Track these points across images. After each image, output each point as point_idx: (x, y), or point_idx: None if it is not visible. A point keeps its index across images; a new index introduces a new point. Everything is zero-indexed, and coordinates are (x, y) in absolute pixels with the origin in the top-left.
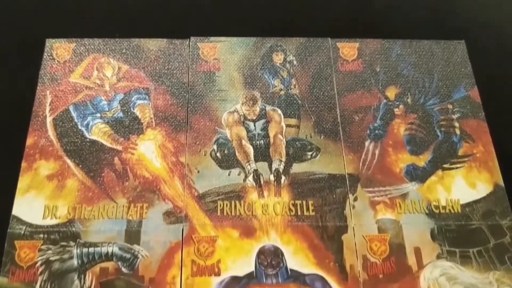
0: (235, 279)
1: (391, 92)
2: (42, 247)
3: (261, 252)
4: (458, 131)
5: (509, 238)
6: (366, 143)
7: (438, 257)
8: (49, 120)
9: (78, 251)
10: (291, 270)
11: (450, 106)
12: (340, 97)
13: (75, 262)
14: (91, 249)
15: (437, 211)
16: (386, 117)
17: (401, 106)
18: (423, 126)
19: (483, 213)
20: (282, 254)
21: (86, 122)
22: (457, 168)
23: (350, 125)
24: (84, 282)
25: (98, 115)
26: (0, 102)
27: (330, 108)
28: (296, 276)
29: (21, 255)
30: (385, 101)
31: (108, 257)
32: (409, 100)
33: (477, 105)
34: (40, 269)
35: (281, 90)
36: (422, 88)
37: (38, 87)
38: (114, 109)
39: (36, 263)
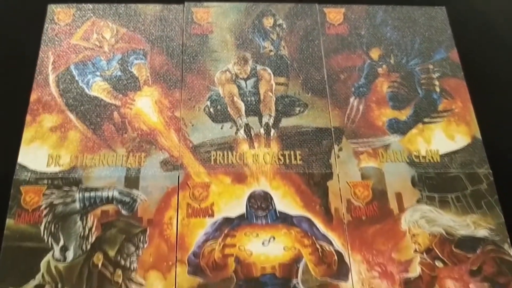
0: (227, 220)
1: (375, 53)
2: (46, 192)
3: (252, 197)
4: (438, 89)
5: (486, 185)
6: (351, 100)
7: (418, 201)
8: (51, 78)
9: (80, 195)
10: (279, 212)
11: (430, 66)
12: (327, 58)
13: (77, 205)
14: (92, 194)
15: (417, 161)
16: (370, 76)
17: (384, 66)
18: (405, 84)
19: (461, 163)
20: (271, 198)
21: (87, 79)
22: (436, 122)
23: (336, 83)
24: (86, 223)
25: (98, 73)
26: (6, 63)
27: (318, 68)
28: (284, 217)
29: (27, 199)
30: (369, 61)
31: (109, 200)
32: (392, 61)
33: (456, 66)
34: (45, 212)
35: (271, 51)
36: (404, 49)
37: (41, 48)
38: (113, 68)
39: (40, 206)
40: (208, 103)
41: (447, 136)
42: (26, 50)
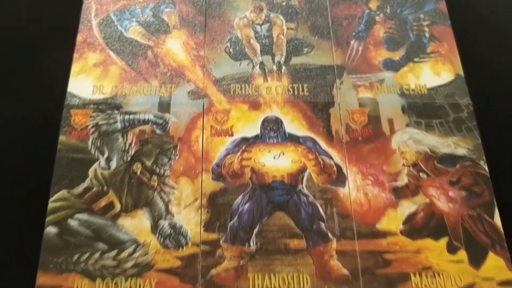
0: (244, 139)
1: (373, 4)
2: (93, 114)
3: (265, 120)
4: (427, 34)
5: (466, 113)
6: (352, 42)
7: (407, 125)
8: (94, 23)
9: (121, 117)
10: (288, 133)
11: (421, 15)
12: (331, 7)
13: (119, 125)
14: (131, 116)
15: (407, 93)
16: (369, 23)
17: (381, 15)
18: (398, 30)
19: (445, 95)
20: (282, 122)
21: (124, 24)
22: (425, 61)
23: (339, 29)
24: (126, 140)
25: (134, 19)
26: (56, 11)
27: (323, 16)
28: (292, 137)
29: (76, 120)
30: (368, 11)
31: (145, 122)
32: (388, 11)
33: (444, 15)
34: (91, 130)
35: (283, 1)
36: (399, 1)
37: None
38: (146, 15)
39: (87, 126)
40: (228, 44)
41: (434, 73)
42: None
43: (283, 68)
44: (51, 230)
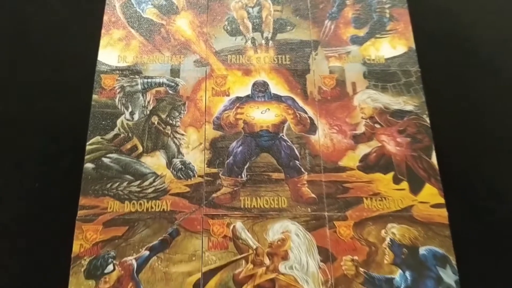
0: (238, 98)
1: None
2: (118, 78)
3: (255, 84)
4: (387, 15)
5: (414, 78)
6: (326, 22)
7: (367, 87)
8: (117, 5)
9: (141, 81)
10: (273, 94)
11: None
12: None
13: (139, 87)
14: (149, 80)
15: (368, 62)
16: (340, 5)
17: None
18: (364, 11)
19: (399, 63)
20: (268, 85)
21: (142, 7)
22: (385, 37)
23: (316, 11)
24: (145, 98)
25: (149, 2)
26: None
27: (304, 0)
28: (276, 97)
29: (105, 83)
30: None
31: (160, 84)
32: None
33: None
34: (118, 91)
35: None
36: None
37: None
38: None
39: (114, 87)
40: (226, 23)
41: (391, 46)
42: None
43: (270, 42)
44: (89, 165)
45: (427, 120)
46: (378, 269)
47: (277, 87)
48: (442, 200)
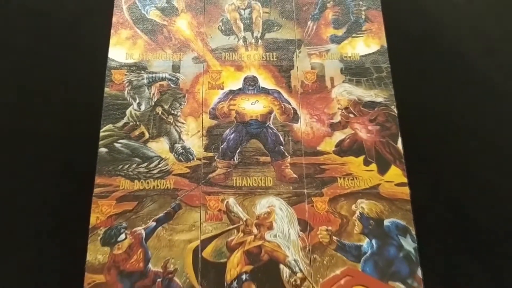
0: (231, 91)
1: None
2: (126, 73)
3: (246, 78)
4: (363, 17)
5: (385, 73)
6: (309, 23)
7: (343, 82)
8: (125, 8)
9: (146, 75)
10: (261, 87)
11: (360, 2)
12: None
13: (145, 81)
14: (153, 75)
15: (345, 59)
16: (322, 8)
17: (331, 2)
18: (343, 13)
19: (372, 60)
20: (257, 80)
21: (146, 9)
22: (360, 36)
23: (300, 13)
24: (150, 91)
25: (153, 5)
26: (94, 1)
27: (289, 3)
28: (264, 90)
29: (115, 77)
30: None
31: (163, 79)
32: None
33: (377, 2)
34: (126, 84)
35: None
36: None
37: None
38: (162, 2)
39: (123, 81)
40: (221, 23)
41: (365, 45)
42: None
43: (259, 41)
44: (102, 150)
45: (395, 110)
46: (349, 237)
47: (265, 81)
48: (405, 180)
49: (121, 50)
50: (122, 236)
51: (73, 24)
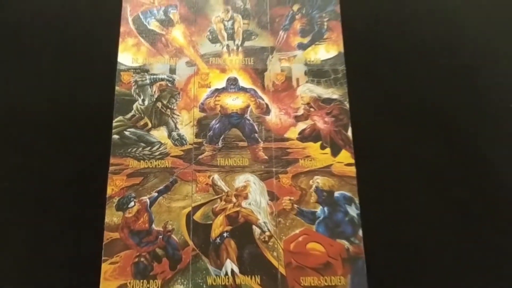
0: (217, 89)
1: (295, 7)
2: (133, 75)
3: (228, 79)
4: (325, 27)
5: (341, 75)
6: (280, 32)
7: (306, 82)
8: (130, 19)
9: (148, 76)
10: (241, 86)
11: (324, 14)
12: (270, 10)
13: (148, 81)
14: (154, 76)
15: (309, 63)
16: (291, 19)
17: (299, 14)
18: (309, 24)
19: (330, 64)
20: (237, 80)
21: (148, 20)
22: (322, 44)
23: (274, 24)
24: (153, 89)
25: (153, 17)
26: (104, 13)
27: (265, 15)
28: (243, 89)
29: (124, 78)
30: (292, 11)
31: (162, 79)
32: (304, 11)
33: (337, 14)
34: (133, 84)
35: (241, 6)
36: (312, 5)
37: (122, 5)
38: (160, 14)
39: (130, 81)
40: (208, 33)
41: (326, 51)
42: (113, 5)
43: (240, 48)
44: (115, 136)
45: (347, 105)
46: (306, 205)
47: (244, 81)
48: (352, 161)
49: (128, 55)
50: (132, 203)
51: (88, 34)
